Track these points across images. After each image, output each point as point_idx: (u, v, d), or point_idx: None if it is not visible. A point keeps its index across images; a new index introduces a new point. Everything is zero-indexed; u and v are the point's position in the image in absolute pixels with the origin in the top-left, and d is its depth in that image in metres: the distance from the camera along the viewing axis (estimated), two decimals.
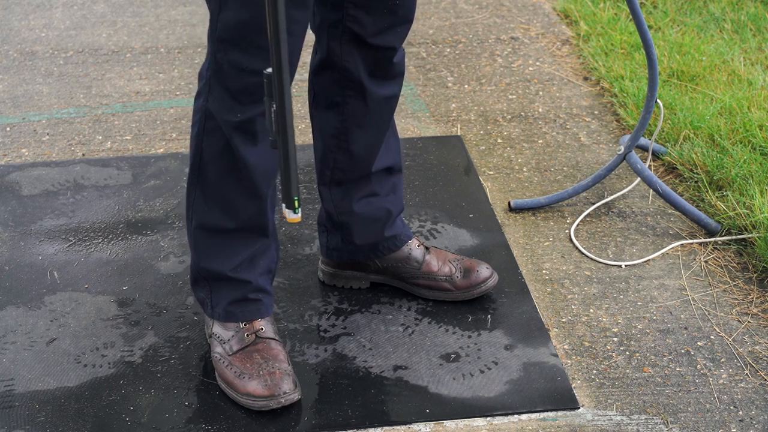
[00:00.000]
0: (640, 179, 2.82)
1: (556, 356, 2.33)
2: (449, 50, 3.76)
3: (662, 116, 2.75)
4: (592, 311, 2.48)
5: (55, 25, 3.97)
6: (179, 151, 3.14)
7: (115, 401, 2.22)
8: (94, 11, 4.09)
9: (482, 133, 3.23)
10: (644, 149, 3.01)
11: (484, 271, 2.47)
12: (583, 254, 2.68)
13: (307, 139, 3.10)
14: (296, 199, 1.75)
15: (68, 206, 2.86)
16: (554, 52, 3.74)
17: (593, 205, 2.86)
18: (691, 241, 2.71)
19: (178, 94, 3.48)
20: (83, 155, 3.13)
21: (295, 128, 1.77)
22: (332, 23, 2.19)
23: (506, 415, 2.19)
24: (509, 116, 3.32)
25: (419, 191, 2.92)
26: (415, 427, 2.17)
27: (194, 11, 4.09)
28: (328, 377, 2.28)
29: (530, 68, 3.62)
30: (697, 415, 2.19)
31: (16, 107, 3.40)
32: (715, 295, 2.54)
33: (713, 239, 2.71)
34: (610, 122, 3.28)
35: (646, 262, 2.65)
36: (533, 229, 2.78)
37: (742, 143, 2.98)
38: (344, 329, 2.42)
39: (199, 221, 2.20)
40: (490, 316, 2.46)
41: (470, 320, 2.44)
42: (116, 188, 2.95)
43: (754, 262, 2.62)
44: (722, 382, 2.28)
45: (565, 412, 2.20)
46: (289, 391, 2.16)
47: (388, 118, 2.35)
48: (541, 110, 3.35)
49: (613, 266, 2.64)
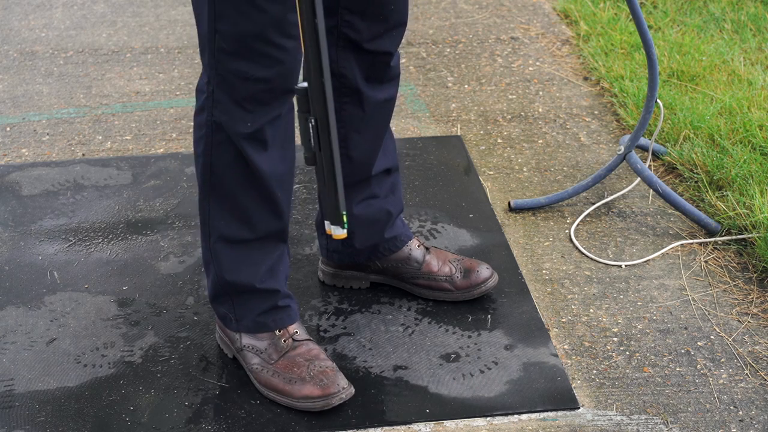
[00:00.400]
0: (640, 179, 2.82)
1: (556, 356, 2.33)
2: (449, 50, 3.76)
3: (662, 116, 2.75)
4: (592, 311, 2.48)
5: (55, 25, 3.97)
6: (179, 151, 3.14)
7: (115, 401, 2.22)
8: (94, 11, 4.09)
9: (482, 133, 3.23)
10: (644, 149, 3.01)
11: (484, 271, 2.47)
12: (583, 254, 2.68)
13: None
14: (344, 213, 1.74)
15: (68, 206, 2.87)
16: (554, 52, 3.74)
17: (593, 205, 2.86)
18: (691, 241, 2.71)
19: (178, 94, 3.48)
20: (83, 155, 3.13)
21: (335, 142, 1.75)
22: (327, 30, 2.18)
23: (506, 415, 2.19)
24: (509, 116, 3.32)
25: (419, 191, 2.92)
26: (415, 427, 2.17)
27: None
28: None
29: (530, 68, 3.62)
30: (697, 415, 2.19)
31: (16, 107, 3.41)
32: (715, 295, 2.54)
33: (713, 239, 2.71)
34: (610, 122, 3.28)
35: (646, 262, 2.65)
36: (533, 229, 2.78)
37: (742, 143, 2.98)
38: (344, 329, 2.42)
39: (219, 235, 2.19)
40: (490, 316, 2.46)
41: (470, 320, 2.44)
42: (116, 188, 2.95)
43: (754, 262, 2.62)
44: (722, 382, 2.28)
45: (565, 412, 2.20)
46: (346, 386, 2.17)
47: (385, 122, 2.34)
48: (541, 110, 3.35)
49: (613, 266, 2.64)
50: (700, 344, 2.38)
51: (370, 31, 2.18)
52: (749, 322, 2.45)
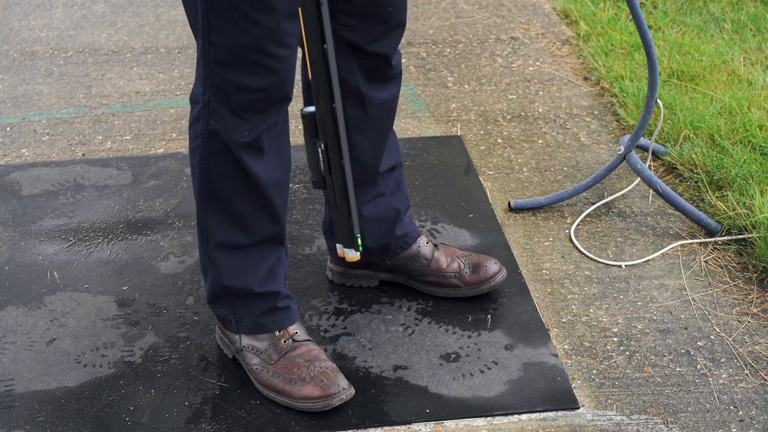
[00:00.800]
0: (640, 179, 2.82)
1: (556, 356, 2.33)
2: (449, 50, 3.76)
3: (662, 116, 2.75)
4: (592, 311, 2.48)
5: (55, 25, 3.97)
6: (179, 151, 3.14)
7: (115, 401, 2.22)
8: (94, 11, 4.09)
9: (482, 133, 3.23)
10: (644, 149, 3.01)
11: (492, 266, 2.47)
12: (583, 254, 2.68)
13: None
14: (359, 236, 1.73)
15: (68, 206, 2.87)
16: (554, 52, 3.74)
17: (593, 205, 2.86)
18: (691, 241, 2.71)
19: (178, 94, 3.48)
20: (83, 155, 3.13)
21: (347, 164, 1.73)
22: None
23: (506, 415, 2.19)
24: (509, 116, 3.32)
25: (419, 191, 2.92)
26: (415, 427, 2.17)
27: None
28: None
29: (530, 68, 3.62)
30: (697, 415, 2.19)
31: (16, 107, 3.41)
32: (715, 295, 2.54)
33: (713, 239, 2.71)
34: (610, 122, 3.28)
35: (646, 262, 2.65)
36: (533, 229, 2.78)
37: (742, 143, 2.98)
38: (344, 329, 2.42)
39: (217, 242, 2.19)
40: (490, 316, 2.46)
41: (470, 320, 2.44)
42: (116, 188, 2.95)
43: (754, 262, 2.62)
44: (722, 382, 2.28)
45: (565, 412, 2.20)
46: (346, 386, 2.17)
47: (389, 122, 2.34)
48: (541, 110, 3.35)
49: (613, 266, 2.64)
50: (700, 344, 2.38)
51: (369, 33, 2.18)
52: (749, 322, 2.45)
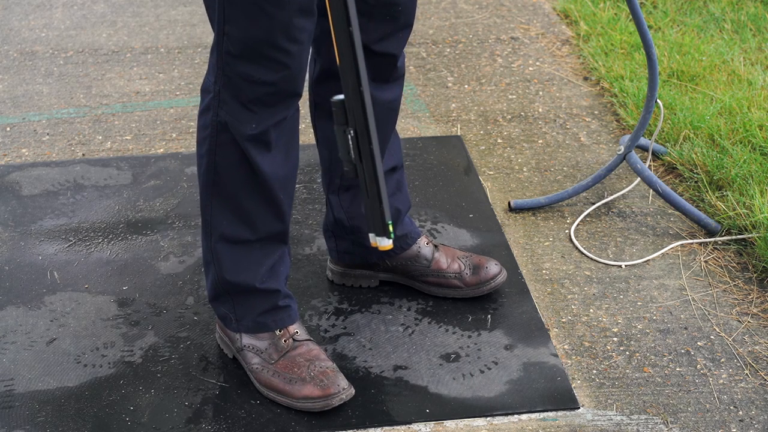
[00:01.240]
0: (640, 179, 2.82)
1: (556, 356, 2.33)
2: (449, 50, 3.76)
3: (662, 116, 2.75)
4: (592, 311, 2.48)
5: (55, 25, 3.97)
6: (179, 151, 3.14)
7: (115, 401, 2.22)
8: (94, 11, 4.09)
9: (482, 133, 3.23)
10: (644, 149, 3.01)
11: (493, 267, 2.47)
12: (583, 254, 2.68)
13: (307, 139, 3.10)
14: (390, 223, 1.73)
15: (68, 206, 2.87)
16: (554, 52, 3.74)
17: (593, 205, 2.86)
18: (691, 241, 2.71)
19: (178, 94, 3.48)
20: (83, 155, 3.13)
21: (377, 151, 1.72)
22: None
23: (506, 415, 2.19)
24: (509, 116, 3.32)
25: (419, 191, 2.92)
26: (415, 427, 2.17)
27: (194, 11, 4.09)
28: None
29: (530, 68, 3.62)
30: (697, 415, 2.19)
31: (16, 107, 3.41)
32: (715, 295, 2.54)
33: (713, 239, 2.71)
34: (610, 122, 3.28)
35: (646, 262, 2.65)
36: (533, 229, 2.78)
37: (742, 143, 2.98)
38: (344, 329, 2.42)
39: (220, 235, 2.19)
40: (490, 316, 2.46)
41: (470, 320, 2.44)
42: (116, 188, 2.95)
43: (754, 262, 2.62)
44: (722, 382, 2.28)
45: (565, 412, 2.20)
46: (346, 386, 2.17)
47: (392, 122, 2.35)
48: (541, 110, 3.35)
49: (613, 266, 2.64)
50: (700, 344, 2.38)
51: (377, 32, 2.18)
52: (749, 322, 2.45)
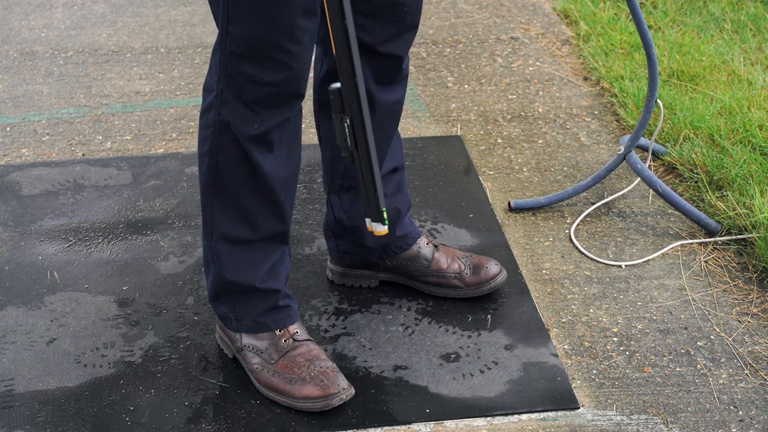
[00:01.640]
0: (640, 179, 2.82)
1: (556, 356, 2.33)
2: (449, 50, 3.76)
3: (662, 116, 2.75)
4: (592, 311, 2.48)
5: (55, 25, 3.97)
6: (179, 151, 3.14)
7: (115, 401, 2.22)
8: (94, 11, 4.09)
9: (482, 133, 3.23)
10: (644, 149, 3.01)
11: (493, 267, 2.48)
12: (583, 254, 2.68)
13: (307, 139, 3.10)
14: (384, 210, 1.76)
15: (68, 206, 2.87)
16: (554, 52, 3.74)
17: (593, 205, 2.86)
18: (691, 241, 2.71)
19: (178, 94, 3.48)
20: (83, 155, 3.13)
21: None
22: None
23: (506, 415, 2.19)
24: (509, 116, 3.32)
25: (419, 191, 2.92)
26: (415, 427, 2.17)
27: (194, 11, 4.09)
28: None
29: (530, 68, 3.62)
30: (697, 415, 2.19)
31: (16, 107, 3.41)
32: (715, 295, 2.54)
33: (713, 239, 2.71)
34: (610, 122, 3.28)
35: (646, 262, 2.65)
36: (533, 229, 2.78)
37: (742, 143, 2.98)
38: (344, 329, 2.42)
39: (221, 234, 2.19)
40: (490, 316, 2.46)
41: (470, 320, 2.44)
42: (116, 188, 2.95)
43: (754, 262, 2.62)
44: (722, 382, 2.28)
45: (565, 412, 2.20)
46: (346, 386, 2.17)
47: (394, 124, 2.35)
48: (541, 110, 3.35)
49: (613, 266, 2.64)
50: (700, 344, 2.38)
51: (383, 33, 2.18)
52: (749, 322, 2.45)
